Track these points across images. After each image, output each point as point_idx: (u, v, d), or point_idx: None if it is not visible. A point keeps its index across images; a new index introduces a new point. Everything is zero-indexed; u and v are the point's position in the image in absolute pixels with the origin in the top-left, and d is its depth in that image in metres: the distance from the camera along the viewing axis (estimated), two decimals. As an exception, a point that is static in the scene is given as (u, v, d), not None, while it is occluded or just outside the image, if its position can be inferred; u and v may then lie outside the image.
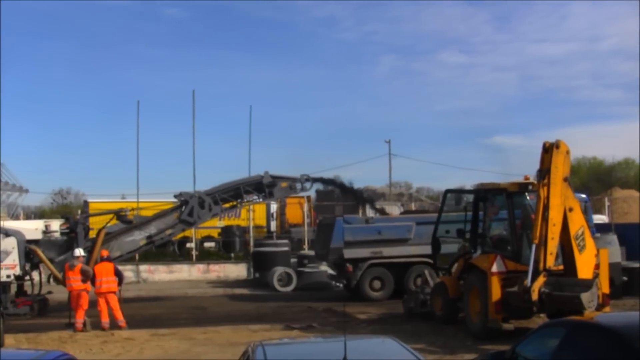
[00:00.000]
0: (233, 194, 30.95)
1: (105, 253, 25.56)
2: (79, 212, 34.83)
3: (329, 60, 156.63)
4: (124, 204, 42.68)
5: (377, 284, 30.16)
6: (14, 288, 27.87)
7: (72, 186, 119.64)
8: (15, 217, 54.99)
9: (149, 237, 29.42)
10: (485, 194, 21.62)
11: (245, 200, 32.20)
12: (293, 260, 36.73)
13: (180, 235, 35.64)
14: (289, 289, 34.82)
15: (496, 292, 19.24)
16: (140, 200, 42.12)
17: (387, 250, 30.06)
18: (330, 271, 34.70)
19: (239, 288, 36.62)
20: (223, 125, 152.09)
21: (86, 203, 36.59)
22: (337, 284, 35.00)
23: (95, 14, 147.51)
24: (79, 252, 24.86)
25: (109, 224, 29.24)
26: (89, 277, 24.01)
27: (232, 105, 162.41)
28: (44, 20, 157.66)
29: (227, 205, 31.43)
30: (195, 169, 45.06)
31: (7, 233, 26.36)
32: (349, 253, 30.10)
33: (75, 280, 24.10)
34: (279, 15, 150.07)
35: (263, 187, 30.79)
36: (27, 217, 55.81)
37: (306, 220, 44.71)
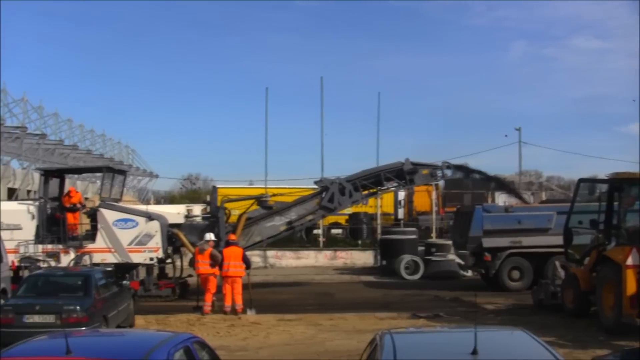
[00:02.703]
0: (373, 180, 30.54)
1: (233, 237, 25.81)
2: (207, 197, 35.24)
3: (458, 47, 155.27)
4: (252, 190, 43.15)
5: (515, 274, 29.69)
6: (156, 271, 28.48)
7: (201, 172, 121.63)
8: (146, 202, 56.15)
9: (289, 222, 29.43)
10: (620, 184, 20.93)
11: (385, 187, 31.88)
12: (420, 248, 36.42)
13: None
14: (416, 277, 34.61)
15: (631, 285, 18.65)
16: (268, 186, 42.47)
17: (527, 240, 29.51)
18: (458, 260, 34.33)
19: (365, 275, 36.57)
20: (351, 112, 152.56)
21: (215, 188, 36.92)
22: (465, 272, 34.63)
23: (225, 3, 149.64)
24: (210, 236, 25.17)
25: (249, 210, 29.44)
26: (217, 261, 24.30)
27: (360, 93, 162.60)
28: (174, 11, 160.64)
29: (366, 192, 31.19)
30: (324, 156, 45.19)
31: (150, 217, 26.91)
32: (487, 242, 29.71)
33: (203, 264, 24.44)
34: (409, 2, 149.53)
35: (404, 174, 30.28)
36: (157, 201, 56.90)
37: (434, 208, 44.31)
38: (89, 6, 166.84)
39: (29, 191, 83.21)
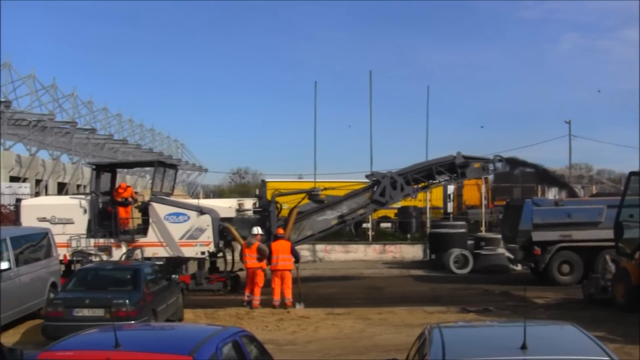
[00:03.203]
0: (425, 174, 30.33)
1: (281, 231, 25.84)
2: (257, 191, 35.33)
3: (509, 40, 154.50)
4: (302, 184, 43.17)
5: (565, 268, 29.42)
6: (207, 264, 28.60)
7: (250, 166, 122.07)
8: (195, 196, 56.37)
9: (341, 216, 29.35)
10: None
11: (437, 181, 31.67)
12: (470, 242, 36.20)
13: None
14: (465, 271, 34.42)
15: (682, 280, 18.39)
16: (317, 180, 42.50)
17: (577, 234, 29.23)
18: (508, 254, 34.09)
19: (414, 269, 36.43)
20: (400, 106, 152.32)
21: (264, 182, 37.05)
22: (515, 266, 34.39)
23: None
24: (257, 230, 25.22)
25: (300, 204, 29.46)
26: (264, 255, 24.36)
27: (409, 86, 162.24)
28: (223, 9, 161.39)
29: (418, 185, 30.97)
30: (372, 150, 45.13)
31: (202, 211, 27.02)
32: (537, 236, 29.46)
33: (251, 258, 24.52)
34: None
35: (455, 167, 30.01)
36: (206, 195, 57.18)
37: (483, 202, 44.05)
38: (137, 6, 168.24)
39: (78, 186, 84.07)
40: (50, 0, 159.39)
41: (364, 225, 43.17)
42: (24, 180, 68.28)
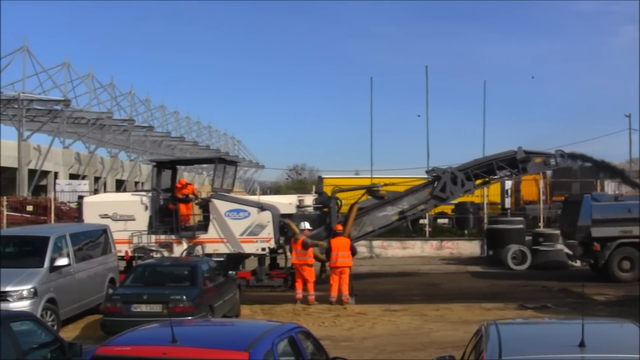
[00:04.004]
0: (485, 169, 30.12)
1: (340, 227, 25.82)
2: (313, 187, 35.31)
3: (565, 33, 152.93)
4: (359, 180, 43.14)
5: (626, 264, 29.09)
6: (267, 261, 28.71)
7: (306, 162, 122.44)
8: (252, 192, 56.55)
9: (401, 212, 29.17)
10: None
11: (498, 176, 31.38)
12: (528, 238, 35.88)
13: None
14: (524, 267, 34.14)
15: None
16: (373, 176, 42.42)
17: (638, 229, 28.81)
18: (567, 250, 33.75)
19: (472, 265, 36.22)
20: (456, 100, 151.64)
21: (320, 179, 37.08)
22: (574, 263, 34.04)
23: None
24: (304, 225, 25.28)
25: (361, 200, 29.42)
26: (306, 249, 24.37)
27: (466, 81, 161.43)
28: (279, 7, 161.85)
29: (478, 181, 30.78)
30: (429, 145, 45.01)
31: (262, 207, 27.07)
32: (596, 232, 29.12)
33: (297, 253, 24.58)
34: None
35: (516, 162, 29.66)
36: (263, 192, 57.40)
37: (542, 197, 43.62)
38: (194, 5, 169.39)
39: (136, 182, 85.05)
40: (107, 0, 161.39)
41: (421, 221, 42.99)
42: (83, 177, 69.35)
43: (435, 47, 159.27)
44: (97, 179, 76.05)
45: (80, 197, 31.41)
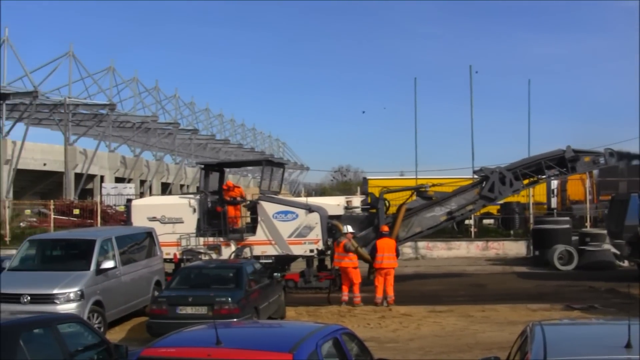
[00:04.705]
0: (534, 169, 29.87)
1: (386, 229, 25.78)
2: (358, 188, 35.29)
3: (611, 30, 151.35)
4: (403, 181, 43.06)
5: (674, 264, 28.76)
6: (315, 262, 28.60)
7: (351, 163, 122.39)
8: (297, 194, 56.65)
9: (450, 213, 29.00)
10: None
11: (546, 175, 31.10)
12: (574, 238, 35.58)
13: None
14: (570, 267, 33.85)
15: None
16: (418, 177, 42.32)
17: None
18: (614, 250, 33.42)
19: (517, 266, 36.00)
20: (499, 99, 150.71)
21: (365, 180, 37.11)
22: (621, 263, 33.70)
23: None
24: (347, 228, 25.28)
25: (408, 200, 29.35)
26: (347, 252, 24.34)
27: (510, 79, 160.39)
28: (326, 10, 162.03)
29: (527, 181, 30.53)
30: (474, 145, 44.83)
31: (310, 209, 27.08)
32: None
33: (341, 256, 24.56)
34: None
35: (565, 161, 29.41)
36: (308, 194, 57.53)
37: (588, 197, 43.26)
38: (237, 7, 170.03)
39: (182, 185, 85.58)
40: (150, 1, 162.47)
41: (467, 221, 42.83)
42: (129, 180, 69.86)
43: (479, 46, 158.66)
44: (142, 182, 76.59)
45: (129, 200, 31.66)
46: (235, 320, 16.51)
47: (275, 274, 22.17)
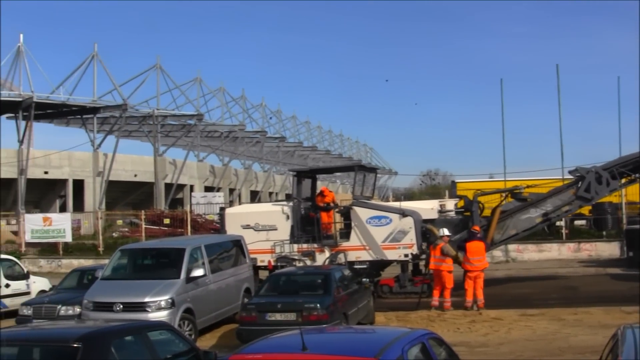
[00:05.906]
0: (631, 167, 29.24)
1: (476, 228, 25.57)
2: (447, 192, 35.06)
3: None
4: (492, 183, 42.61)
5: None
6: (410, 267, 28.48)
7: (439, 167, 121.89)
8: (385, 199, 56.51)
9: (545, 214, 28.56)
10: None
11: None
12: (670, 238, 34.79)
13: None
14: (666, 268, 33.11)
15: None
16: (507, 179, 41.83)
17: None
18: None
19: (611, 267, 35.32)
20: (587, 98, 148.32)
21: (454, 183, 36.81)
22: None
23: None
24: (444, 231, 25.08)
25: (503, 202, 29.07)
26: (450, 256, 24.18)
27: (598, 78, 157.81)
28: (402, 14, 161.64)
29: (624, 180, 29.87)
30: (563, 145, 44.20)
31: (404, 213, 26.98)
32: None
33: (434, 259, 24.39)
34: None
35: None
36: (397, 198, 57.38)
37: (684, 196, 42.26)
38: (321, 17, 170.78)
39: (270, 193, 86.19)
40: (234, 10, 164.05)
41: (558, 223, 42.20)
42: (218, 189, 70.71)
43: (566, 45, 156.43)
44: (231, 191, 77.40)
45: (222, 209, 31.91)
46: (324, 326, 16.55)
47: (363, 279, 22.14)
